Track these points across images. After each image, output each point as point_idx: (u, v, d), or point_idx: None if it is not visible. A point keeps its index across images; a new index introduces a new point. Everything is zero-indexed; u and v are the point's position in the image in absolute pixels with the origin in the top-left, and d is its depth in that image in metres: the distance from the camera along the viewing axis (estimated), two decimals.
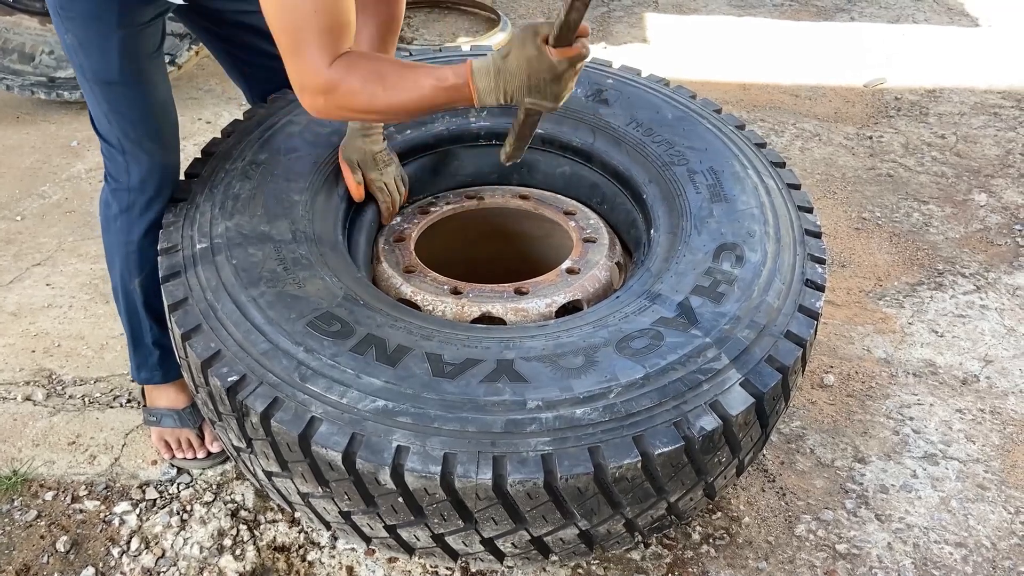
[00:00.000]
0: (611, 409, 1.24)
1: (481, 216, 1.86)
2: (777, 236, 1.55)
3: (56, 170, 2.89)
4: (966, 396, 2.03)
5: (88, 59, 1.51)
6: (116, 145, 1.59)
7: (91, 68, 1.52)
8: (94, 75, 1.53)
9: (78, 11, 1.47)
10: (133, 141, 1.58)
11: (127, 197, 1.63)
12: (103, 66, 1.51)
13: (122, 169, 1.61)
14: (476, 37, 3.78)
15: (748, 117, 3.25)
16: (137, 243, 1.65)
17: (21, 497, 1.76)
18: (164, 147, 1.63)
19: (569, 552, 1.38)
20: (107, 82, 1.53)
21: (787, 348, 1.37)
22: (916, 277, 2.43)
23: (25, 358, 2.11)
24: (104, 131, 1.60)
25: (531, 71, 1.24)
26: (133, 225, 1.65)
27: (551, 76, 1.24)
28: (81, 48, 1.50)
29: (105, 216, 1.69)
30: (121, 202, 1.64)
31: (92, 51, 1.50)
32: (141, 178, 1.61)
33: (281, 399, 1.26)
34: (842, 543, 1.69)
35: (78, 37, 1.49)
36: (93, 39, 1.49)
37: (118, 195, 1.64)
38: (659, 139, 1.76)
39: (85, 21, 1.47)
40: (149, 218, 1.63)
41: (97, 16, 1.47)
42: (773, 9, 4.29)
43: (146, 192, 1.61)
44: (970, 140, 3.12)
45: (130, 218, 1.64)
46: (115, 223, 1.66)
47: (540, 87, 1.25)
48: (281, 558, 1.65)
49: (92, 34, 1.49)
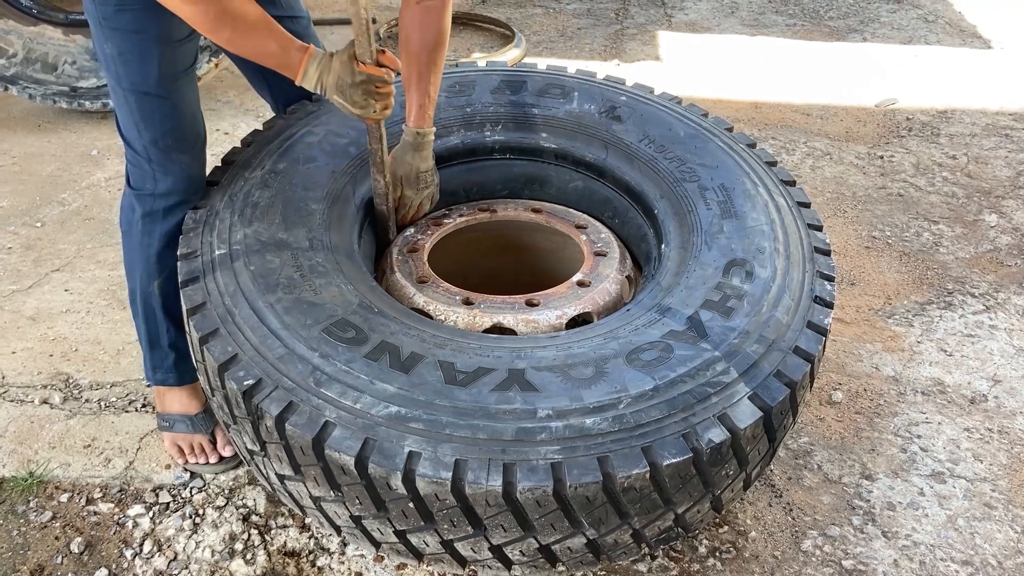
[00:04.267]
0: (620, 419, 1.26)
1: (494, 228, 1.88)
2: (787, 253, 1.57)
3: (76, 178, 2.94)
4: (974, 415, 2.04)
5: (127, 69, 1.56)
6: (143, 154, 1.63)
7: (128, 78, 1.57)
8: (131, 85, 1.58)
9: (121, 23, 1.52)
10: (162, 151, 1.62)
11: (151, 203, 1.67)
12: (141, 77, 1.56)
13: (148, 177, 1.65)
14: (491, 53, 3.82)
15: (760, 135, 3.27)
16: (158, 247, 1.69)
17: (37, 498, 1.79)
18: (192, 158, 1.68)
19: (576, 561, 1.39)
20: (143, 93, 1.58)
21: (795, 363, 1.38)
22: (926, 296, 2.44)
23: (43, 362, 2.15)
24: (132, 140, 1.64)
25: (341, 73, 1.53)
26: (155, 229, 1.68)
27: (351, 81, 1.53)
28: (120, 58, 1.55)
29: (128, 220, 1.72)
30: (144, 207, 1.68)
31: (132, 62, 1.55)
32: (167, 187, 1.65)
33: (296, 403, 1.28)
34: (848, 559, 1.69)
35: (119, 48, 1.55)
36: (134, 50, 1.55)
37: (142, 200, 1.68)
38: (671, 156, 1.79)
39: (127, 33, 1.53)
40: (171, 223, 1.67)
41: (139, 29, 1.53)
42: (786, 29, 4.32)
43: (170, 199, 1.65)
44: (981, 161, 3.13)
45: (152, 223, 1.68)
46: (136, 227, 1.70)
47: (343, 89, 1.54)
48: (291, 563, 1.66)
49: (133, 46, 1.54)
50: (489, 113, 1.92)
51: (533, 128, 1.90)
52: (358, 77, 1.52)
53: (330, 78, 1.53)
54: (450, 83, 1.96)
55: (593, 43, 4.10)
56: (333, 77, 1.53)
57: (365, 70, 1.53)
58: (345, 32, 4.13)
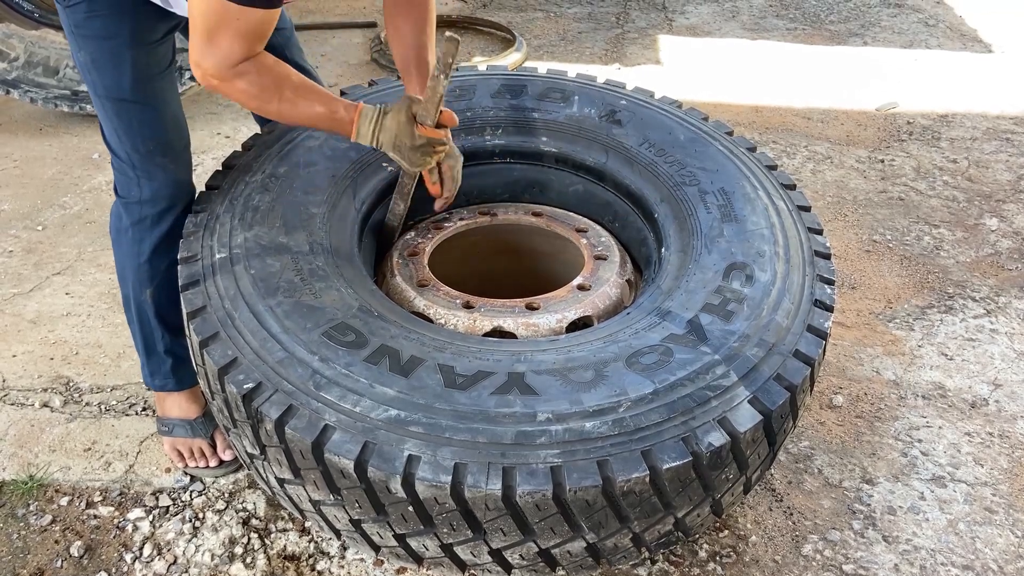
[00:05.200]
0: (620, 423, 1.25)
1: (494, 232, 1.88)
2: (787, 256, 1.57)
3: (77, 182, 2.94)
4: (975, 419, 2.04)
5: (101, 77, 1.55)
6: (127, 160, 1.63)
7: (104, 86, 1.56)
8: (106, 92, 1.57)
9: (92, 30, 1.51)
10: (144, 156, 1.62)
11: (138, 211, 1.67)
12: (116, 84, 1.55)
13: (133, 184, 1.65)
14: (492, 57, 3.83)
15: (760, 139, 3.27)
16: (148, 256, 1.69)
17: (37, 502, 1.79)
18: (175, 162, 1.67)
19: (576, 565, 1.39)
20: (119, 99, 1.57)
21: (795, 367, 1.38)
22: (926, 300, 2.44)
23: (43, 365, 2.15)
24: (115, 146, 1.64)
25: (399, 133, 1.50)
26: (144, 238, 1.68)
27: (411, 144, 1.51)
28: (94, 66, 1.54)
29: (116, 229, 1.72)
30: (132, 215, 1.68)
31: (105, 69, 1.54)
32: (152, 192, 1.64)
33: (295, 407, 1.28)
34: (849, 564, 1.69)
35: (92, 55, 1.54)
36: (107, 58, 1.53)
37: (129, 209, 1.68)
38: (671, 160, 1.79)
39: (99, 40, 1.52)
40: (160, 231, 1.67)
41: (110, 35, 1.51)
42: (787, 33, 4.32)
43: (157, 206, 1.65)
44: (982, 165, 3.13)
45: (141, 231, 1.68)
46: (126, 236, 1.70)
47: (402, 149, 1.52)
48: (291, 567, 1.66)
49: (105, 53, 1.53)
50: (489, 117, 1.92)
51: (533, 132, 1.90)
52: (418, 141, 1.51)
53: (384, 136, 1.51)
54: (450, 88, 1.96)
55: (594, 47, 4.11)
56: (389, 135, 1.51)
57: (425, 133, 1.51)
58: (347, 36, 4.14)
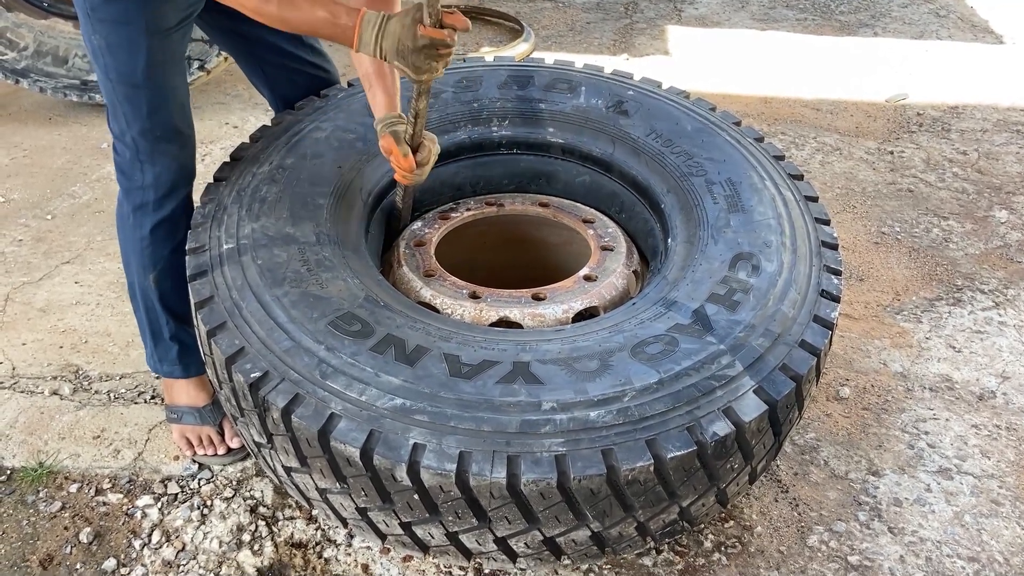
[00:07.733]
0: (625, 412, 1.26)
1: (501, 222, 1.89)
2: (793, 247, 1.56)
3: (86, 171, 2.96)
4: (982, 412, 2.03)
5: (115, 61, 1.56)
6: (131, 145, 1.64)
7: (117, 70, 1.57)
8: (119, 77, 1.57)
9: (109, 15, 1.51)
10: (150, 142, 1.63)
11: (139, 196, 1.68)
12: (129, 69, 1.56)
13: (136, 169, 1.66)
14: (500, 47, 3.82)
15: (769, 130, 3.26)
16: (149, 238, 1.70)
17: (46, 489, 1.80)
18: (181, 148, 1.68)
19: (581, 554, 1.40)
20: (131, 84, 1.58)
21: (801, 357, 1.38)
22: (934, 292, 2.43)
23: (53, 353, 2.16)
24: (121, 131, 1.64)
25: (401, 37, 1.42)
26: (145, 221, 1.69)
27: (413, 47, 1.42)
28: (108, 50, 1.55)
29: (120, 215, 1.74)
30: (134, 200, 1.69)
31: (120, 54, 1.55)
32: (155, 177, 1.66)
33: (302, 395, 1.29)
34: (854, 555, 1.69)
35: (107, 40, 1.54)
36: (122, 43, 1.54)
37: (130, 195, 1.69)
38: (678, 150, 1.79)
39: (115, 25, 1.52)
40: (161, 215, 1.68)
41: (127, 21, 1.52)
42: (796, 23, 4.30)
43: (159, 190, 1.66)
44: (992, 157, 3.11)
45: (143, 215, 1.69)
46: (128, 220, 1.71)
47: (404, 54, 1.43)
48: (298, 554, 1.67)
49: (121, 38, 1.53)
50: (496, 108, 1.92)
51: (540, 123, 1.90)
52: (420, 42, 1.42)
53: (387, 41, 1.43)
54: (457, 79, 1.97)
55: (602, 37, 4.09)
56: (391, 41, 1.43)
57: (428, 34, 1.42)
58: None
